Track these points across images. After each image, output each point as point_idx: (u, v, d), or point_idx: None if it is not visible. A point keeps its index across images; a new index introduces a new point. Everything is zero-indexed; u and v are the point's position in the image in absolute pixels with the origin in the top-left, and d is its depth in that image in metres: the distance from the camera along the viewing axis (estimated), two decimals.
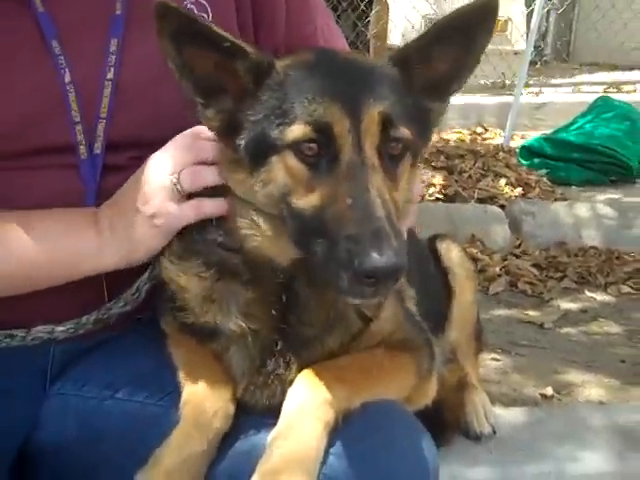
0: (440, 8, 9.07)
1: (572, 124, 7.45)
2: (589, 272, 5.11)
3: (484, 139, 8.21)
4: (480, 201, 6.07)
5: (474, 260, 5.07)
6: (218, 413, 1.89)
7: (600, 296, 4.92)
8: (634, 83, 9.64)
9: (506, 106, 8.02)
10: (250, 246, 1.88)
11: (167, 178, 1.93)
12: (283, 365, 1.95)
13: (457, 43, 1.87)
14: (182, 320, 2.03)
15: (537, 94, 9.22)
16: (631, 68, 10.31)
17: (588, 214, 5.60)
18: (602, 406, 3.54)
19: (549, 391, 3.66)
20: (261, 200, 1.81)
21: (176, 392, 1.99)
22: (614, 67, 10.50)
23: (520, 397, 3.63)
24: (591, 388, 3.76)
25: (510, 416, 3.24)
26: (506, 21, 9.34)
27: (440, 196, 6.16)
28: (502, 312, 4.63)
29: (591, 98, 7.84)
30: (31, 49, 2.06)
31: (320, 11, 2.48)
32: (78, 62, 2.07)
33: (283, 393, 1.89)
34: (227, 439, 1.90)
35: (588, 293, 4.95)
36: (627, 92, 9.28)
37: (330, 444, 1.77)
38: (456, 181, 6.32)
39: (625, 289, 4.98)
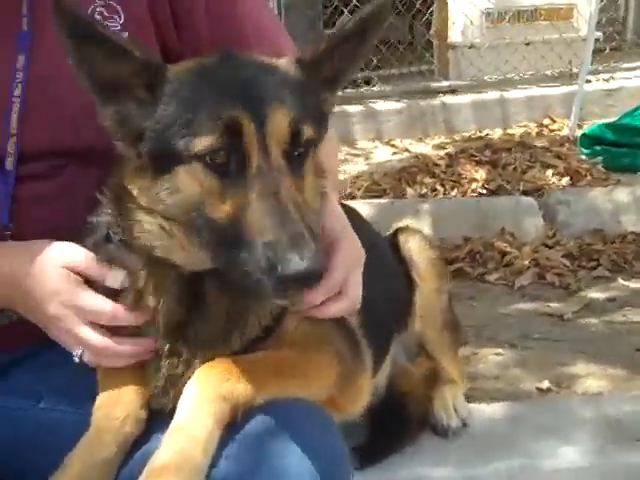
0: (499, 1, 8.85)
1: (637, 109, 7.13)
2: (625, 259, 4.85)
3: (551, 131, 7.93)
4: (524, 194, 5.86)
5: (501, 254, 4.93)
6: (128, 418, 1.90)
7: (634, 284, 4.66)
8: None
9: (574, 95, 7.74)
10: (157, 255, 1.88)
11: (74, 349, 1.98)
12: (182, 366, 1.95)
13: (354, 41, 1.92)
14: None
15: (608, 80, 8.83)
16: None
17: (628, 199, 5.32)
18: (593, 397, 3.34)
19: (545, 384, 3.48)
20: (169, 209, 1.80)
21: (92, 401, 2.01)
22: None
23: (515, 392, 3.47)
24: (593, 380, 3.56)
25: (491, 411, 3.11)
26: (570, 8, 9.00)
27: (483, 191, 6.00)
28: (523, 306, 4.45)
29: None
30: None
31: (249, 5, 2.43)
32: None
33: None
34: (136, 445, 1.91)
35: (621, 281, 4.69)
36: None
37: (224, 444, 1.75)
38: (500, 175, 6.14)
39: None
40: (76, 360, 1.96)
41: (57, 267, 1.93)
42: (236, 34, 2.31)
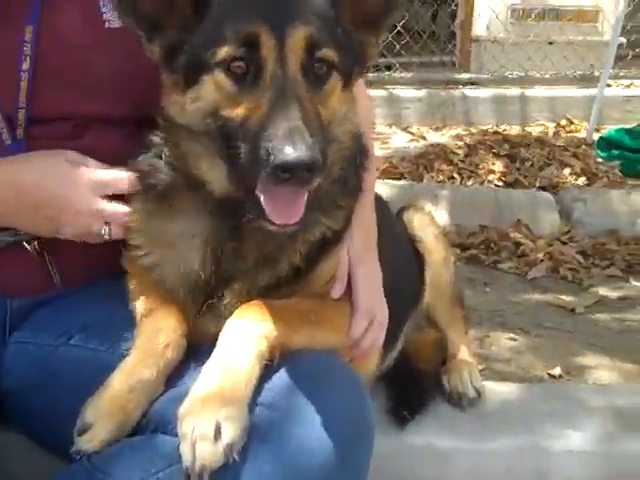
0: None
1: None
2: (638, 261, 4.88)
3: (568, 132, 7.94)
4: (541, 190, 5.88)
5: (516, 245, 4.97)
6: (170, 344, 1.96)
7: None
8: None
9: (594, 99, 7.76)
10: (193, 173, 2.00)
11: (98, 227, 2.14)
12: (216, 298, 2.04)
13: None
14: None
15: (628, 86, 8.85)
16: None
17: None
18: (604, 387, 3.37)
19: (557, 371, 3.52)
20: (190, 117, 1.94)
21: (125, 342, 2.06)
22: None
23: (527, 376, 3.51)
24: (605, 371, 3.60)
25: (504, 391, 3.14)
26: (596, 12, 9.01)
27: (499, 183, 6.04)
28: (534, 296, 4.48)
29: None
30: None
31: None
32: None
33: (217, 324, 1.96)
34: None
35: (633, 282, 4.72)
36: None
37: (257, 391, 1.80)
38: (517, 169, 6.16)
39: None
40: (105, 237, 2.13)
41: (63, 161, 2.12)
42: None
